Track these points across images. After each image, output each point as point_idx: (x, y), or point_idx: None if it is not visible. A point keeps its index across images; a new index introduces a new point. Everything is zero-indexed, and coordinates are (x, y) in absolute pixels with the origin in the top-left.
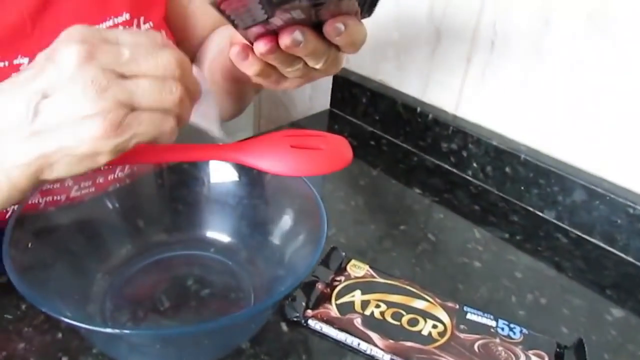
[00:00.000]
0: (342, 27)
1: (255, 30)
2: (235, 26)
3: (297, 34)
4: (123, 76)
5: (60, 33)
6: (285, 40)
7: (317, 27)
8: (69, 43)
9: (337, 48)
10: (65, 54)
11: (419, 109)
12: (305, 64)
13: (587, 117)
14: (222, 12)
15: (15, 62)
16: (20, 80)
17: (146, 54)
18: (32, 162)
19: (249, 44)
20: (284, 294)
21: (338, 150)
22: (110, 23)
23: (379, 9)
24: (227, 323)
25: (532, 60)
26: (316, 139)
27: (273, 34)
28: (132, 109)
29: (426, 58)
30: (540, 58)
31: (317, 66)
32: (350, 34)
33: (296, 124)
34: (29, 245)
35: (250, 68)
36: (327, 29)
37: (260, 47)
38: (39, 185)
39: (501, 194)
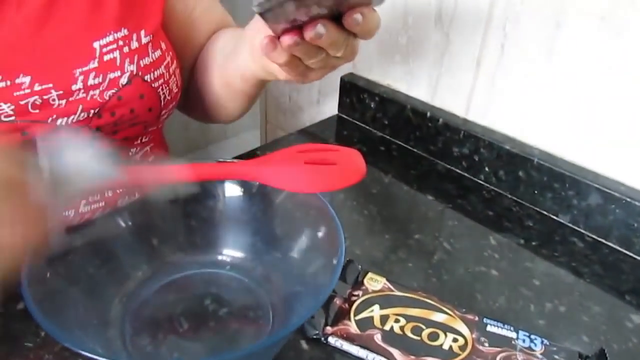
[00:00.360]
0: (360, 17)
1: (283, 25)
2: (266, 20)
3: (320, 27)
4: None
5: (61, 51)
6: (309, 33)
7: (336, 19)
8: None
9: (355, 36)
10: None
11: (428, 114)
12: (327, 54)
13: (600, 120)
14: (260, 13)
15: (17, 81)
16: None
17: None
18: None
19: (275, 36)
20: (306, 317)
21: (351, 164)
22: (110, 38)
23: (386, 14)
24: (250, 352)
25: (543, 63)
26: (330, 153)
27: (298, 28)
28: None
29: (435, 62)
30: (552, 61)
31: (338, 54)
32: (367, 22)
33: (305, 131)
34: (47, 275)
35: (279, 58)
36: (347, 20)
37: (287, 40)
38: None
39: (515, 198)
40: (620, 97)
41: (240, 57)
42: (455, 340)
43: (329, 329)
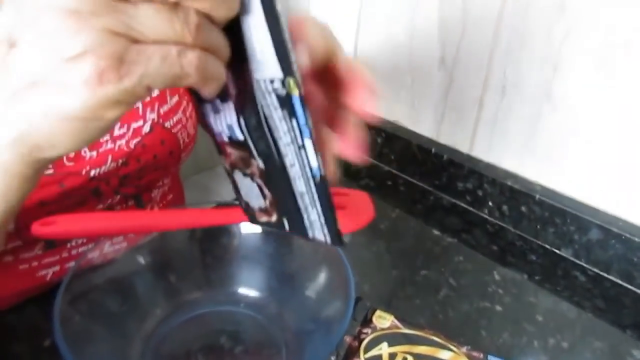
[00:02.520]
0: None
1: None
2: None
3: None
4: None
5: None
6: None
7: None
8: None
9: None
10: None
11: (433, 150)
12: None
13: (598, 158)
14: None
15: None
16: None
17: None
18: (19, 138)
19: None
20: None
21: (361, 208)
22: None
23: (392, 54)
24: None
25: (543, 104)
26: (339, 197)
27: None
28: (133, 41)
29: (439, 101)
30: (551, 102)
31: None
32: None
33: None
34: (76, 317)
35: None
36: None
37: None
38: (41, 167)
39: (518, 232)
40: (617, 136)
41: None
42: None
43: None
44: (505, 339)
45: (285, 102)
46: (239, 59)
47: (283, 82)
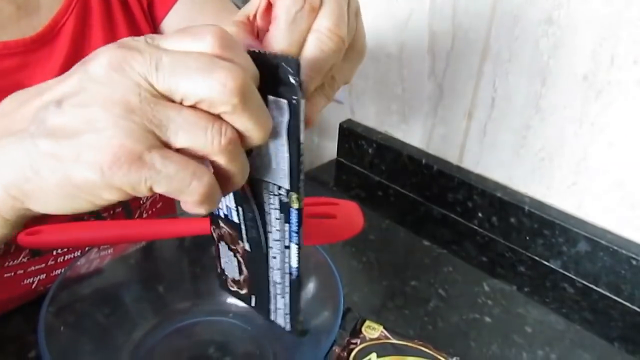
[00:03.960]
0: None
1: None
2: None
3: None
4: (164, 97)
5: None
6: None
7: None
8: (106, 48)
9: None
10: (96, 60)
11: (424, 161)
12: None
13: (587, 170)
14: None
15: None
16: (44, 86)
17: (205, 65)
18: (16, 181)
19: None
20: None
21: (350, 218)
22: None
23: (382, 66)
24: None
25: (532, 116)
26: (330, 207)
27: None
28: (162, 142)
29: (429, 112)
30: (540, 114)
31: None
32: None
33: (304, 174)
34: (62, 329)
35: None
36: None
37: None
38: (24, 216)
39: (507, 244)
40: (606, 149)
41: None
42: None
43: None
44: (494, 350)
45: (284, 208)
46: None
47: (287, 193)
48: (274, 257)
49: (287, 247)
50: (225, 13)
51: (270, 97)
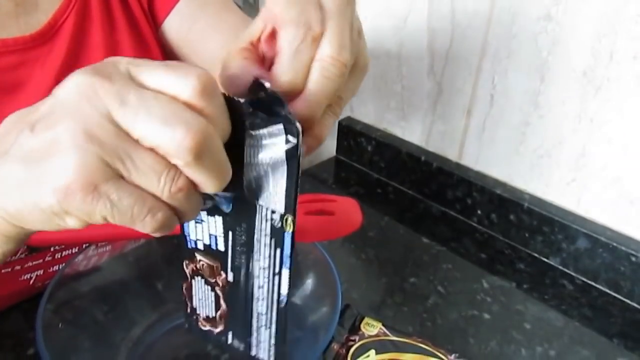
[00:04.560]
0: None
1: None
2: None
3: None
4: (126, 133)
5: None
6: None
7: None
8: (80, 73)
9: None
10: (67, 86)
11: (423, 158)
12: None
13: (587, 167)
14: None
15: None
16: (32, 107)
17: (168, 114)
18: (3, 203)
19: None
20: None
21: (349, 214)
22: None
23: (381, 63)
24: None
25: (531, 113)
26: (328, 203)
27: None
28: (118, 176)
29: (428, 109)
30: (539, 111)
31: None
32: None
33: (303, 172)
34: (60, 326)
35: None
36: None
37: None
38: (24, 232)
39: (507, 241)
40: (605, 145)
41: None
42: None
43: None
44: (493, 347)
45: (277, 233)
46: (241, 179)
47: (281, 217)
48: (260, 287)
49: (277, 274)
50: (227, 13)
51: (266, 128)
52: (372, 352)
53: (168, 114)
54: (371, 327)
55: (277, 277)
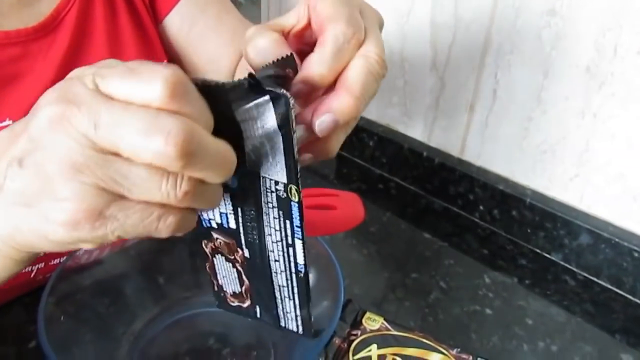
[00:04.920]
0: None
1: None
2: None
3: None
4: (111, 153)
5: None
6: None
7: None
8: (46, 103)
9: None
10: (39, 121)
11: (425, 153)
12: None
13: (589, 162)
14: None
15: (3, 124)
16: (17, 129)
17: (144, 125)
18: (10, 235)
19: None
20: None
21: (351, 209)
22: None
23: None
24: None
25: (534, 108)
26: (330, 198)
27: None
28: (119, 196)
29: (431, 105)
30: (542, 106)
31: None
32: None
33: (305, 167)
34: (62, 318)
35: None
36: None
37: None
38: (32, 253)
39: (509, 237)
40: (608, 141)
41: None
42: None
43: None
44: (494, 342)
45: (283, 204)
46: (244, 154)
47: (285, 187)
48: (276, 260)
49: (291, 245)
50: (227, 15)
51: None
52: (374, 346)
53: (142, 126)
54: (373, 322)
55: (290, 249)
